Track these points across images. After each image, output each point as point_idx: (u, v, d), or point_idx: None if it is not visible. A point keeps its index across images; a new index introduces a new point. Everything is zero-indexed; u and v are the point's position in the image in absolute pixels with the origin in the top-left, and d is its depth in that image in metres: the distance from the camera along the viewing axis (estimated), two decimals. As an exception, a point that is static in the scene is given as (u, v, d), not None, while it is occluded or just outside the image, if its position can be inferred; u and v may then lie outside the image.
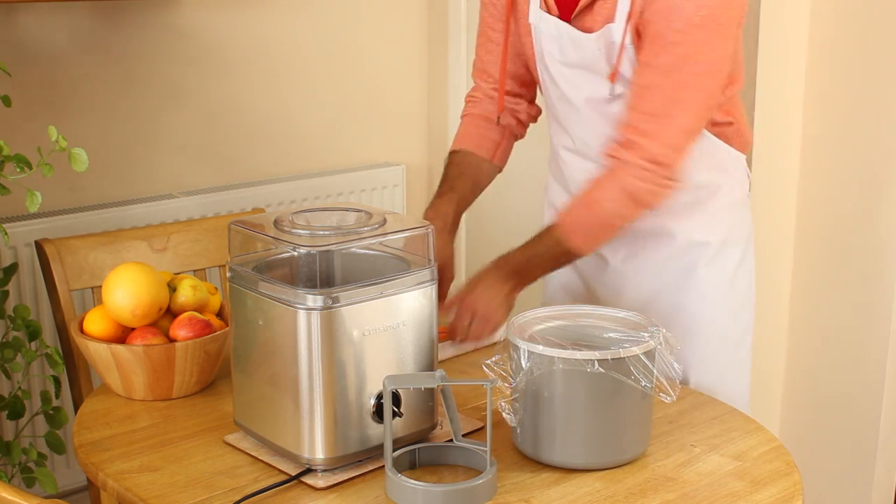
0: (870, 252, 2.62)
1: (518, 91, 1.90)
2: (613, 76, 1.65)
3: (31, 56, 2.31)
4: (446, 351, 1.75)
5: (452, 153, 1.91)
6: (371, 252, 1.49)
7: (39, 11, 2.30)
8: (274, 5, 2.66)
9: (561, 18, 1.69)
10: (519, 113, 1.91)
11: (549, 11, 1.71)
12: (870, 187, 2.61)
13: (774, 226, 2.74)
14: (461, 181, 1.87)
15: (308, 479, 1.38)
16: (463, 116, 1.95)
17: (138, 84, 2.47)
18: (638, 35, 1.62)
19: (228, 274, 1.47)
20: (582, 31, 1.67)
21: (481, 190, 1.91)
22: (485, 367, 1.40)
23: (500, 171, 1.94)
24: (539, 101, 1.93)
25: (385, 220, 1.45)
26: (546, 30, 1.72)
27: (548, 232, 1.68)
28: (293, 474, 1.38)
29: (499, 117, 1.89)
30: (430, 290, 1.43)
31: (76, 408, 1.88)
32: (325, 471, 1.39)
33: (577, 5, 1.66)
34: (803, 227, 2.77)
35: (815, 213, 2.74)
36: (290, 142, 2.76)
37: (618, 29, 1.62)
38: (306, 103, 2.77)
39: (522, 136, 1.95)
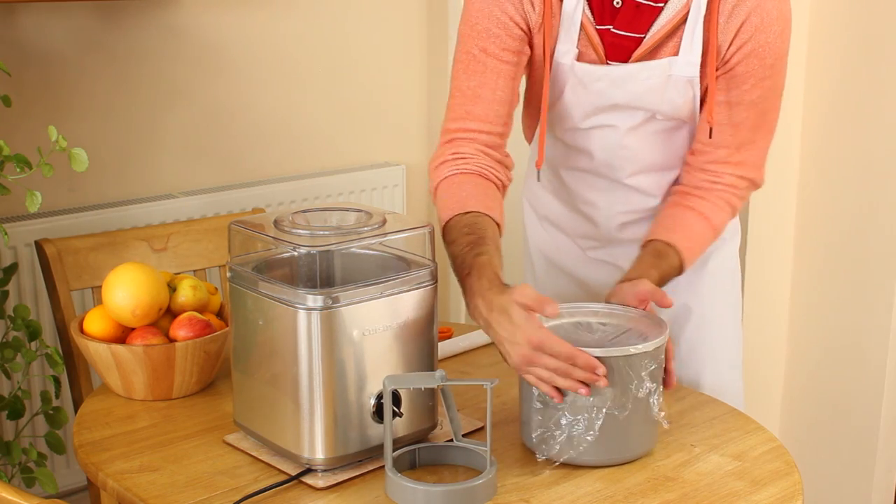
0: (870, 252, 2.63)
1: (505, 133, 1.66)
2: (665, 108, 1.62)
3: (31, 56, 2.31)
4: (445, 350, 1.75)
5: (461, 216, 1.54)
6: (371, 252, 1.49)
7: (39, 11, 2.30)
8: (274, 5, 2.66)
9: (608, 61, 1.60)
10: (509, 167, 1.66)
11: (593, 61, 1.60)
12: (870, 188, 2.61)
13: (774, 226, 2.74)
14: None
15: (308, 479, 1.38)
16: (444, 179, 1.61)
17: (138, 84, 2.47)
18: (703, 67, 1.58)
19: (228, 274, 1.47)
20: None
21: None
22: None
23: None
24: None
25: (385, 220, 1.45)
26: (586, 71, 1.60)
27: (667, 254, 1.60)
28: (293, 474, 1.38)
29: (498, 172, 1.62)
30: (430, 290, 1.43)
31: (76, 408, 1.88)
32: (325, 471, 1.39)
33: (631, 51, 1.58)
34: (803, 227, 2.77)
35: (815, 213, 2.74)
36: (289, 142, 2.76)
37: (684, 63, 1.57)
38: (306, 103, 2.77)
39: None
